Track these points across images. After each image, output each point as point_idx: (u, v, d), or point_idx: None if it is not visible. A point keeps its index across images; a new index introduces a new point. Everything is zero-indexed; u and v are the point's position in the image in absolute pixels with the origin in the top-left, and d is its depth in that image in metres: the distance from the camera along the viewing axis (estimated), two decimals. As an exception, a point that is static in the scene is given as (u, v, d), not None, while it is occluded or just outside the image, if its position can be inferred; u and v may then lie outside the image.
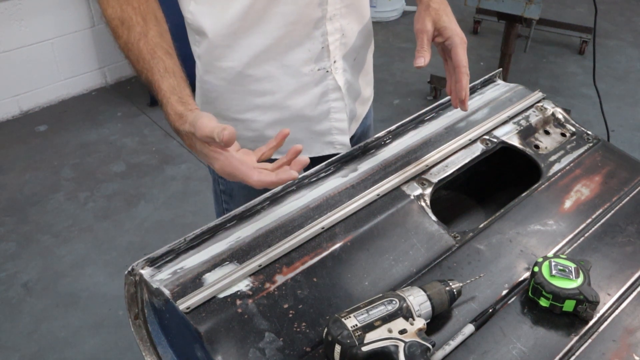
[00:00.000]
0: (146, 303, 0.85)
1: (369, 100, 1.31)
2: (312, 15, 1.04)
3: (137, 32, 0.92)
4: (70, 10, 3.27)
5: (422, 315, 0.77)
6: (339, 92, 1.13)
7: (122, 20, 0.92)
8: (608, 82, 3.58)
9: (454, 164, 1.05)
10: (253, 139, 1.14)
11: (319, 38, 1.07)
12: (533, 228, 0.96)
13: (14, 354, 2.03)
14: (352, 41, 1.13)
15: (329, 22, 1.06)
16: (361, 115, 1.28)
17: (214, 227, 0.89)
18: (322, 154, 1.20)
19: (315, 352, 0.76)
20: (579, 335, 0.81)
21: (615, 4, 4.60)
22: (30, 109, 3.35)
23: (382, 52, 3.91)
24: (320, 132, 1.17)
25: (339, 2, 1.06)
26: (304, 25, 1.04)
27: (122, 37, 0.93)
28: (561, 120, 1.18)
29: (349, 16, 1.10)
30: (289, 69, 1.08)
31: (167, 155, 3.00)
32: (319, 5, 1.03)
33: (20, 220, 2.61)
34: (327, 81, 1.11)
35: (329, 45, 1.08)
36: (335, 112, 1.15)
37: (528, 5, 2.67)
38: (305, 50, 1.07)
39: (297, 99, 1.11)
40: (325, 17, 1.05)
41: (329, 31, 1.07)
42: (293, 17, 1.02)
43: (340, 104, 1.15)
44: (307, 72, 1.09)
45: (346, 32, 1.10)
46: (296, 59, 1.07)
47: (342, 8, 1.07)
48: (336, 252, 0.88)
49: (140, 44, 0.91)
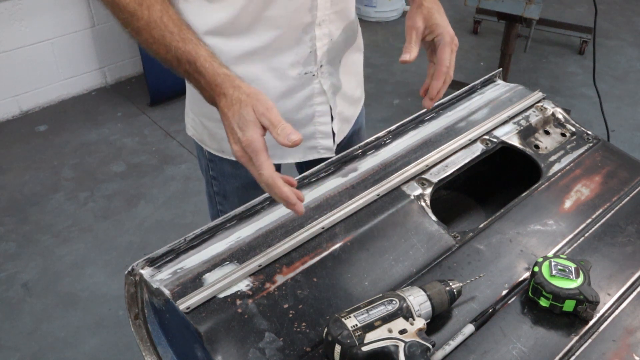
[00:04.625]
0: (146, 303, 0.85)
1: (360, 101, 1.31)
2: (301, 20, 1.04)
3: (158, 10, 0.88)
4: (70, 10, 3.27)
5: (422, 315, 0.77)
6: (323, 96, 1.14)
7: (140, 1, 0.88)
8: (608, 82, 3.58)
9: (454, 164, 1.05)
10: None
11: (307, 42, 1.07)
12: (533, 228, 0.96)
13: (14, 354, 2.03)
14: (339, 45, 1.13)
15: (317, 28, 1.06)
16: (352, 116, 1.27)
17: (214, 227, 0.89)
18: (305, 159, 1.20)
19: (315, 352, 0.76)
20: (579, 335, 0.81)
21: (615, 4, 4.60)
22: (30, 109, 3.35)
23: (382, 52, 3.91)
24: (304, 136, 1.16)
25: (328, 8, 1.06)
26: (293, 29, 1.04)
27: (142, 18, 0.88)
28: (561, 120, 1.18)
29: (338, 21, 1.10)
30: (276, 72, 1.08)
31: (167, 155, 3.00)
32: (309, 11, 1.03)
33: (20, 220, 2.60)
34: (313, 85, 1.12)
35: (317, 50, 1.08)
36: (320, 116, 1.15)
37: (528, 5, 2.67)
38: (293, 54, 1.07)
39: (282, 102, 1.11)
40: (315, 22, 1.05)
41: (318, 36, 1.07)
42: (283, 21, 1.02)
43: (325, 108, 1.15)
44: (293, 76, 1.09)
45: (334, 36, 1.10)
46: (283, 62, 1.07)
47: (332, 14, 1.07)
48: (336, 252, 0.88)
49: (164, 19, 0.88)
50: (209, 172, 1.24)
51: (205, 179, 1.29)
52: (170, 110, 3.30)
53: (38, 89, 3.33)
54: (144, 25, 0.88)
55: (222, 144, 1.16)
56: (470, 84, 1.25)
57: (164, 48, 0.87)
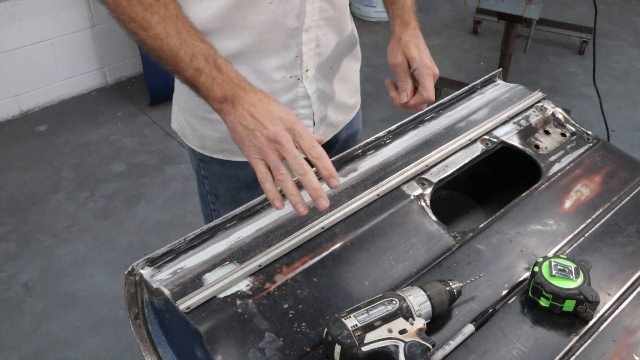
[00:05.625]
0: (146, 303, 0.85)
1: (353, 108, 1.31)
2: (288, 25, 1.04)
3: (174, 9, 0.87)
4: (70, 10, 3.27)
5: (422, 315, 0.77)
6: (307, 100, 1.14)
7: None
8: (608, 82, 3.58)
9: (454, 164, 1.05)
10: (220, 139, 1.15)
11: (294, 47, 1.07)
12: (533, 228, 0.96)
13: (14, 354, 2.03)
14: (328, 51, 1.14)
15: (304, 33, 1.06)
16: (341, 122, 1.28)
17: (214, 227, 0.89)
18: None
19: (315, 352, 0.76)
20: (579, 335, 0.81)
21: (615, 4, 4.60)
22: (30, 109, 3.35)
23: (382, 52, 3.88)
24: None
25: (316, 14, 1.06)
26: (279, 34, 1.04)
27: (158, 13, 0.85)
28: (561, 120, 1.18)
29: (326, 28, 1.11)
30: (261, 74, 1.08)
31: (167, 155, 3.00)
32: (297, 17, 1.04)
33: (20, 220, 2.61)
34: (297, 88, 1.12)
35: (303, 55, 1.09)
36: (302, 119, 1.15)
37: (528, 5, 2.67)
38: (279, 58, 1.07)
39: None
40: (302, 28, 1.06)
41: (304, 41, 1.07)
42: (269, 26, 1.02)
43: (308, 111, 1.16)
44: (278, 79, 1.09)
45: (322, 42, 1.11)
46: (269, 66, 1.07)
47: (320, 20, 1.08)
48: (336, 252, 0.88)
49: (180, 19, 0.87)
50: (200, 172, 1.25)
51: (197, 179, 1.29)
52: (170, 110, 3.29)
53: (38, 89, 3.33)
54: (159, 20, 0.85)
55: (204, 141, 1.17)
56: (470, 84, 1.25)
57: (178, 43, 0.86)
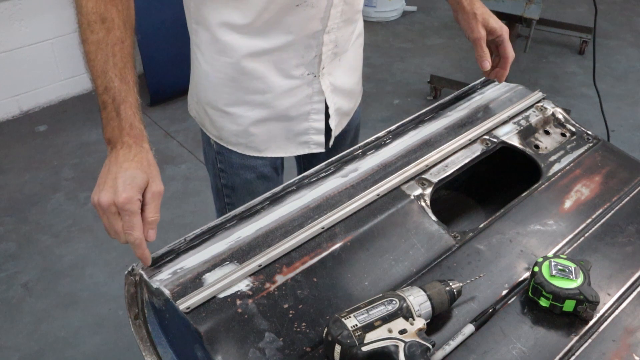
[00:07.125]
0: (146, 303, 0.85)
1: (359, 94, 1.35)
2: (312, 28, 1.08)
3: (116, 37, 0.88)
4: (70, 10, 3.23)
5: (422, 315, 0.77)
6: (321, 95, 1.18)
7: (104, 18, 0.89)
8: (608, 82, 3.58)
9: (454, 164, 1.05)
10: (236, 133, 1.18)
11: (314, 48, 1.11)
12: (533, 228, 0.96)
13: (14, 354, 2.03)
14: (342, 50, 1.18)
15: (326, 35, 1.11)
16: (352, 109, 1.32)
17: (214, 227, 0.89)
18: (297, 153, 1.24)
19: (315, 352, 0.76)
20: (579, 335, 0.81)
21: (615, 4, 4.60)
22: (30, 109, 3.34)
23: (382, 52, 3.91)
24: (298, 132, 1.21)
25: (338, 17, 1.10)
26: (303, 36, 1.09)
27: (97, 34, 0.88)
28: (561, 120, 1.18)
29: (344, 29, 1.15)
30: (281, 71, 1.12)
31: (167, 155, 3.00)
32: (321, 21, 1.08)
33: (20, 220, 2.60)
34: (314, 85, 1.16)
35: (322, 55, 1.13)
36: (315, 114, 1.20)
37: (528, 5, 2.67)
38: (299, 57, 1.11)
39: (284, 99, 1.15)
40: (324, 30, 1.09)
41: (325, 42, 1.11)
42: (295, 28, 1.07)
43: (321, 106, 1.19)
44: (297, 76, 1.14)
45: (339, 42, 1.15)
46: (290, 64, 1.12)
47: (340, 22, 1.12)
48: (336, 252, 0.88)
49: (115, 48, 0.88)
50: (217, 165, 1.26)
51: (212, 172, 1.31)
52: (170, 110, 3.30)
53: (38, 89, 3.33)
54: (94, 42, 0.88)
55: (222, 132, 1.20)
56: (470, 84, 1.25)
57: (99, 71, 0.87)
